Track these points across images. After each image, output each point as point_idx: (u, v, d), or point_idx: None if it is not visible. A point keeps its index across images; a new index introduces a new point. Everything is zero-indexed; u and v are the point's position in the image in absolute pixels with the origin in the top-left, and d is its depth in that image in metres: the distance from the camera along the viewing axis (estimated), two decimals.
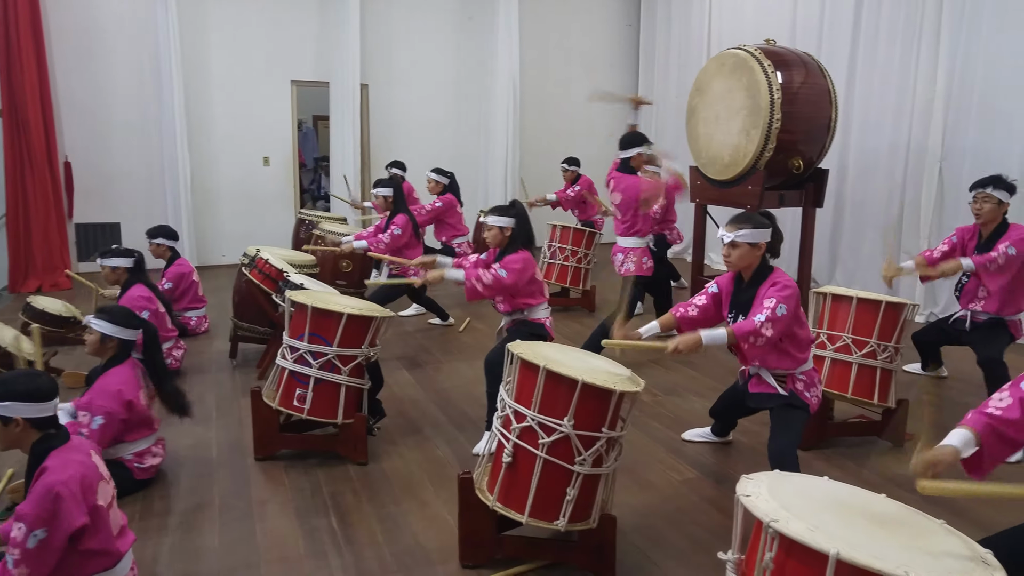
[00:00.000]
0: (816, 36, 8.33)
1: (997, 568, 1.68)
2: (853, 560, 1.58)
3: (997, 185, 4.50)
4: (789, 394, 3.43)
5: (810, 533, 1.66)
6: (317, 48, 10.01)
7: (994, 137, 6.57)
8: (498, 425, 3.00)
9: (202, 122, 9.50)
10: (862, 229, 8.02)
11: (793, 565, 1.72)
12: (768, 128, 5.62)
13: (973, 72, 6.75)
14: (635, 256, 5.64)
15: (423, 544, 3.29)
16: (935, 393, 5.23)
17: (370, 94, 10.38)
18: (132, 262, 5.12)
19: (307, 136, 13.20)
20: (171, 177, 9.19)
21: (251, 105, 9.80)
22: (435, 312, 6.93)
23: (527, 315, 4.25)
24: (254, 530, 3.40)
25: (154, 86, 9.10)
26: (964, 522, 2.53)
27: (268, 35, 9.77)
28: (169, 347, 5.34)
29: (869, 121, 7.83)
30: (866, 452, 4.30)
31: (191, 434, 4.44)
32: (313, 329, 3.92)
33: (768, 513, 1.74)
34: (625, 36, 11.87)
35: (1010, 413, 2.22)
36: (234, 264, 5.82)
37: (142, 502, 3.63)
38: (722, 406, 4.10)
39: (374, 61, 10.26)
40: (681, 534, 3.41)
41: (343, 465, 4.04)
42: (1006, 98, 6.48)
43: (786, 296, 3.25)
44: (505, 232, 4.18)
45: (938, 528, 1.86)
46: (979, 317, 4.66)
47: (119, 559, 2.59)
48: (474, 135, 10.98)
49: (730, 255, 3.41)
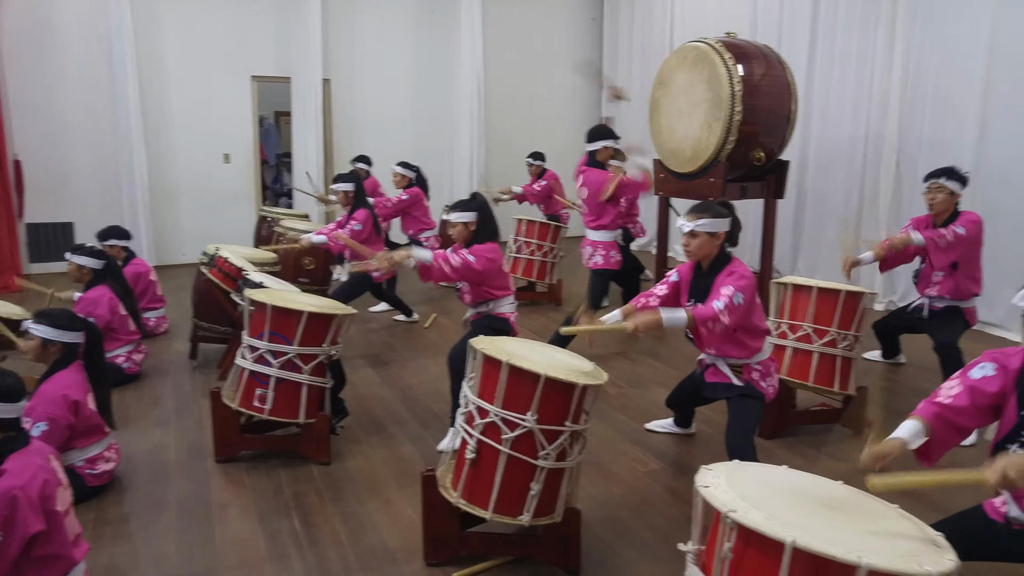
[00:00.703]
0: (776, 29, 8.40)
1: (947, 549, 1.73)
2: (808, 547, 1.61)
3: (950, 176, 4.58)
4: (745, 384, 3.46)
5: (767, 522, 1.68)
6: (278, 43, 9.86)
7: (948, 127, 6.68)
8: (461, 421, 2.98)
9: (159, 119, 9.32)
10: (823, 219, 8.12)
11: (751, 554, 1.74)
12: (729, 120, 5.65)
13: (927, 63, 6.85)
14: (603, 249, 5.64)
15: (387, 543, 3.25)
16: (892, 379, 5.30)
17: (332, 89, 10.27)
18: (101, 265, 5.06)
19: (269, 132, 13.01)
20: (127, 175, 9.01)
21: (210, 101, 9.62)
22: (400, 309, 6.87)
23: (492, 308, 4.22)
24: (213, 534, 3.34)
25: (108, 83, 8.90)
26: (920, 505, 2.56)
27: (227, 30, 9.59)
28: (130, 351, 5.25)
29: (829, 113, 7.93)
30: (827, 439, 4.36)
31: (148, 438, 4.35)
32: (273, 328, 3.86)
33: (726, 503, 1.76)
34: (589, 29, 11.87)
35: (959, 401, 2.27)
36: (194, 263, 5.73)
37: (95, 510, 3.53)
38: (678, 397, 4.11)
39: (336, 56, 10.14)
40: (646, 525, 3.42)
41: (306, 465, 3.98)
42: (959, 89, 6.58)
43: (743, 286, 3.27)
44: (470, 227, 4.14)
45: (892, 513, 1.91)
46: (936, 305, 4.73)
47: (73, 566, 2.52)
48: (438, 129, 10.92)
49: (689, 244, 3.42)
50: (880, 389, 4.60)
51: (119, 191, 9.08)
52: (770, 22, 8.53)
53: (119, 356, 5.16)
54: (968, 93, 6.48)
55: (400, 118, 10.65)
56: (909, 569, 1.60)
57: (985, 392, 2.27)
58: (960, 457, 4.06)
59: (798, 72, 6.90)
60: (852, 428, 4.42)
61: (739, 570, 1.76)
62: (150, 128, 9.17)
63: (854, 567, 1.58)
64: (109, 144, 9.03)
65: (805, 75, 7.91)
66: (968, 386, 2.28)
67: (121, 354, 5.18)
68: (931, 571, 1.60)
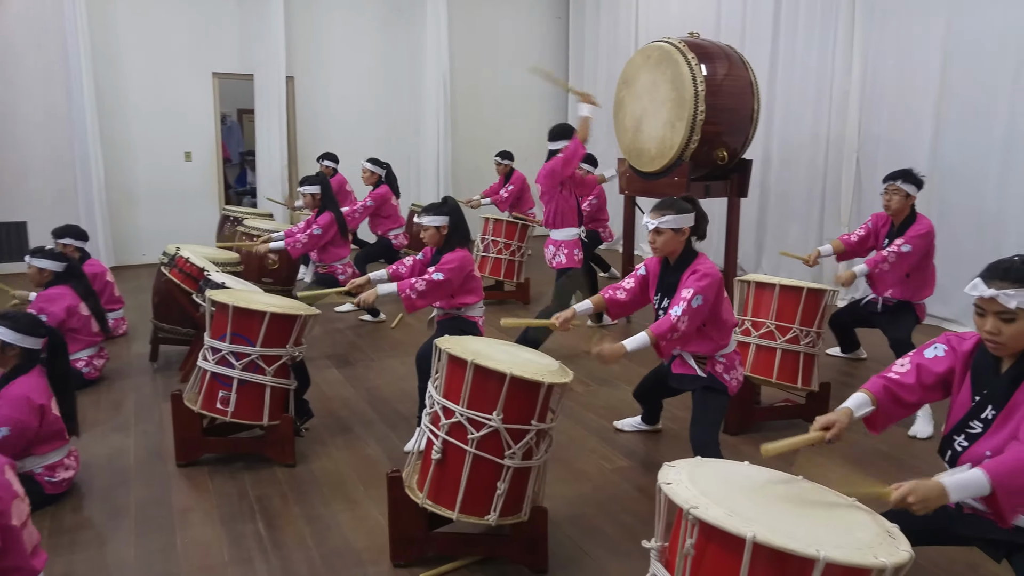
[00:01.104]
0: (739, 29, 8.49)
1: (902, 540, 1.78)
2: (768, 542, 1.64)
3: (906, 179, 4.65)
4: (708, 376, 3.48)
5: (728, 518, 1.70)
6: (240, 39, 9.75)
7: (904, 127, 6.80)
8: (427, 422, 2.96)
9: (117, 116, 9.16)
10: (787, 217, 8.22)
11: (713, 550, 1.76)
12: (693, 120, 5.69)
13: (885, 64, 6.97)
14: (566, 248, 5.64)
15: (353, 545, 3.23)
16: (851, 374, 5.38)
17: (296, 87, 10.18)
18: (62, 267, 4.99)
19: (231, 130, 12.84)
20: (83, 174, 8.84)
21: (170, 99, 9.48)
22: (367, 309, 6.83)
23: (462, 312, 4.20)
24: (175, 540, 3.28)
25: (63, 80, 8.72)
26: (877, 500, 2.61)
27: (187, 26, 9.46)
28: (91, 355, 5.17)
29: (791, 113, 8.03)
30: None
31: (107, 443, 4.27)
32: (235, 329, 3.81)
33: (688, 500, 1.77)
34: (554, 28, 11.90)
35: (906, 378, 2.36)
36: (155, 263, 5.64)
37: (52, 518, 3.44)
38: (645, 388, 4.13)
39: (300, 53, 10.05)
40: (613, 523, 3.43)
41: (270, 468, 3.94)
42: (915, 89, 6.69)
43: (704, 286, 3.29)
44: (442, 231, 4.11)
45: (850, 506, 1.94)
46: (890, 300, 4.80)
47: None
48: (405, 127, 10.87)
49: (655, 241, 3.43)
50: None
51: (74, 190, 8.92)
52: (733, 23, 8.61)
53: (80, 360, 5.08)
54: (923, 94, 6.61)
55: (365, 116, 10.59)
56: (865, 561, 1.64)
57: (931, 371, 2.35)
58: (919, 449, 4.16)
59: (760, 72, 6.98)
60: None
61: (701, 566, 1.78)
62: (107, 126, 9.01)
63: (813, 560, 1.61)
64: (64, 142, 8.86)
65: (767, 75, 8.00)
66: (916, 364, 2.38)
67: (82, 358, 5.10)
68: (886, 562, 1.64)
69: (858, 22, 7.12)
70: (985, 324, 2.18)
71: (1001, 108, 6.05)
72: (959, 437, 2.30)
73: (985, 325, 2.18)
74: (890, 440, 4.29)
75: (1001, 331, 2.14)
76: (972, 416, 2.27)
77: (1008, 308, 2.10)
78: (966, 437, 2.28)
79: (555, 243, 5.68)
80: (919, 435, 4.33)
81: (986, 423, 2.24)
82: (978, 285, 2.16)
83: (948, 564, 3.06)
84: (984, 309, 2.17)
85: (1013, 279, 2.10)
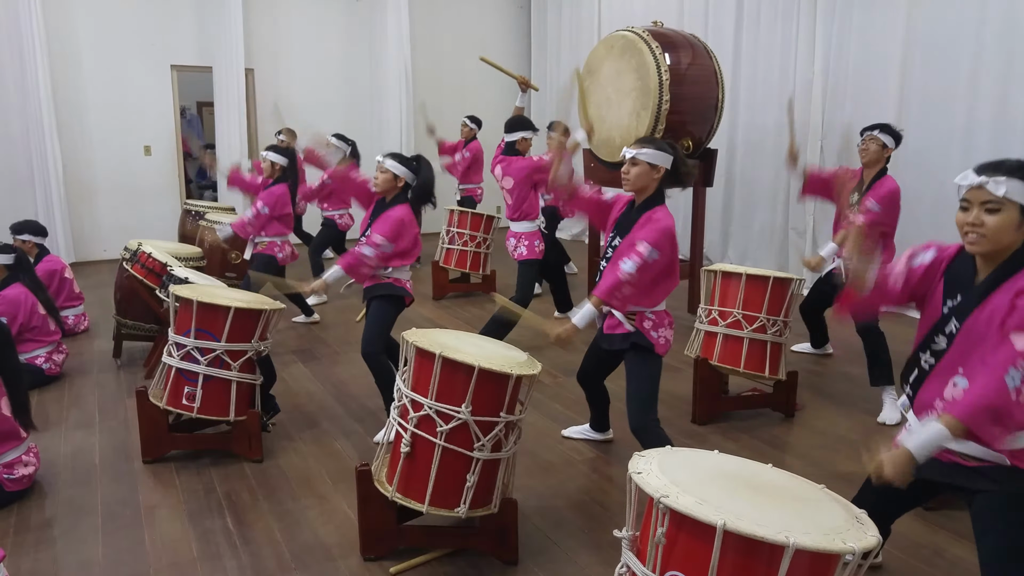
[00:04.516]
0: (702, 18, 8.54)
1: (870, 526, 1.81)
2: (738, 530, 1.65)
3: (883, 130, 4.68)
4: (635, 332, 3.36)
5: (698, 506, 1.71)
6: (198, 31, 9.61)
7: (867, 114, 6.83)
8: (396, 415, 2.95)
9: (74, 110, 9.00)
10: (752, 206, 8.29)
11: (684, 538, 1.77)
12: (658, 109, 5.71)
13: (847, 51, 7.05)
14: (527, 239, 5.61)
15: (323, 539, 3.21)
16: (820, 364, 5.44)
17: (255, 78, 10.05)
18: (12, 259, 4.88)
19: (191, 123, 12.64)
20: (40, 169, 8.68)
21: (128, 92, 9.32)
22: (301, 307, 6.62)
23: (390, 274, 4.08)
24: (142, 537, 3.24)
25: (17, 73, 8.52)
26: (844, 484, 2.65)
27: (144, 18, 9.30)
28: (50, 351, 5.08)
29: (755, 101, 8.09)
30: (758, 424, 4.45)
31: (70, 440, 4.21)
32: (199, 324, 3.76)
33: (658, 489, 1.78)
34: (516, 18, 11.88)
35: (896, 265, 2.37)
36: (116, 259, 5.54)
37: (16, 515, 3.40)
38: (585, 366, 3.90)
39: (259, 45, 9.93)
40: (582, 514, 3.45)
41: (238, 463, 3.90)
42: (877, 75, 6.79)
43: (657, 238, 3.20)
44: (399, 182, 4.08)
45: (819, 493, 1.97)
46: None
47: None
48: (366, 119, 10.77)
49: (629, 172, 3.36)
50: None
51: (32, 185, 8.75)
52: (696, 12, 8.66)
53: (39, 357, 5.00)
54: (885, 81, 6.70)
55: (326, 108, 10.45)
56: (834, 547, 1.66)
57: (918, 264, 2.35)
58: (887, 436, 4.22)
59: (724, 61, 7.03)
60: (784, 412, 4.54)
61: (672, 554, 1.79)
62: (64, 120, 8.85)
63: (782, 547, 1.63)
64: (18, 137, 8.68)
65: (731, 64, 8.05)
66: (910, 254, 2.38)
67: (41, 355, 5.02)
68: (854, 547, 1.67)
69: (820, 11, 7.19)
70: (968, 216, 2.15)
71: (961, 95, 6.15)
72: (925, 354, 2.28)
73: (968, 217, 2.15)
74: (859, 427, 4.36)
75: (984, 222, 2.12)
76: (938, 330, 2.25)
77: (995, 196, 2.08)
78: (932, 354, 2.26)
79: (515, 235, 5.64)
80: (888, 421, 4.38)
81: (950, 338, 2.22)
82: (968, 175, 2.15)
83: (914, 549, 3.12)
84: (970, 202, 2.15)
85: (1005, 170, 2.10)
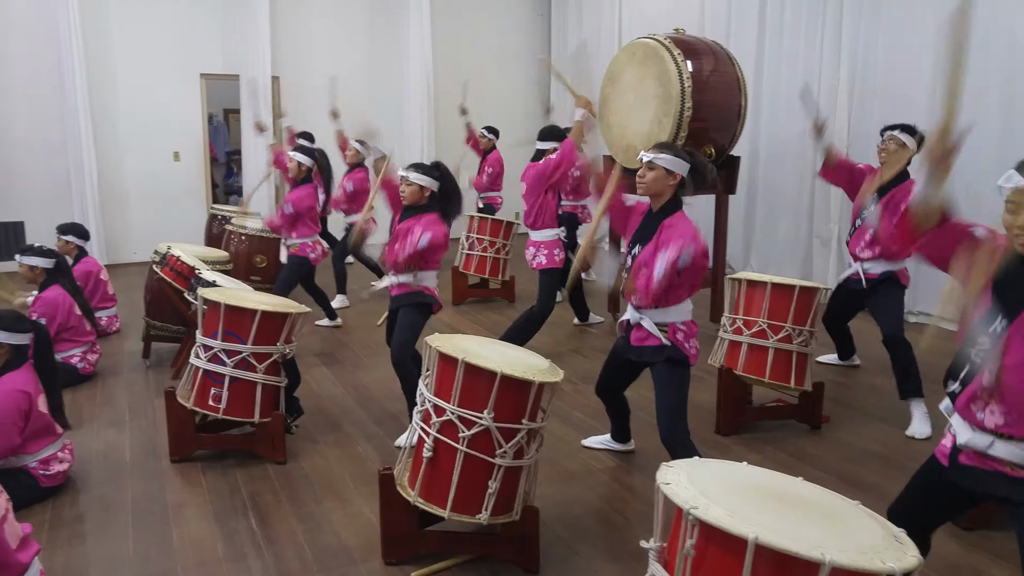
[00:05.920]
0: (724, 25, 8.50)
1: (910, 546, 1.72)
2: (771, 543, 1.59)
3: (904, 129, 4.57)
4: (671, 345, 3.32)
5: (729, 519, 1.66)
6: (226, 41, 9.80)
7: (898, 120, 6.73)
8: (418, 420, 2.97)
9: (108, 117, 9.24)
10: (775, 214, 8.22)
11: (714, 551, 1.72)
12: (679, 116, 5.69)
13: (875, 58, 6.96)
14: (546, 249, 5.55)
15: (345, 542, 3.24)
16: (847, 376, 5.38)
17: (281, 87, 10.16)
18: (52, 263, 5.01)
19: (218, 130, 12.80)
20: (77, 174, 8.98)
21: (159, 100, 9.55)
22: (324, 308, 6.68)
23: (418, 281, 4.12)
24: (170, 535, 3.30)
25: (56, 81, 8.82)
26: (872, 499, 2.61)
27: (175, 28, 9.54)
28: (84, 351, 5.20)
29: (778, 108, 8.03)
30: (784, 436, 4.39)
31: (102, 438, 4.29)
32: (227, 327, 3.82)
33: (688, 500, 1.73)
34: (537, 26, 11.92)
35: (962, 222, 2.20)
36: (146, 261, 5.63)
37: (51, 510, 3.49)
38: (605, 376, 3.85)
39: (285, 53, 10.08)
40: (604, 523, 3.45)
41: (262, 465, 3.95)
42: (906, 82, 6.66)
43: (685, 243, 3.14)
44: (425, 192, 4.09)
45: (854, 509, 1.89)
46: (872, 272, 4.65)
47: (22, 571, 2.45)
48: (388, 126, 10.75)
49: (645, 176, 3.32)
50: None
51: (69, 190, 9.03)
52: (718, 18, 8.63)
53: (74, 356, 5.13)
54: (916, 85, 6.51)
55: (348, 115, 10.48)
56: (872, 566, 1.58)
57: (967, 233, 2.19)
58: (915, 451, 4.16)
59: (747, 67, 6.98)
60: (810, 423, 4.46)
61: (702, 567, 1.75)
62: (99, 126, 9.11)
63: (818, 564, 1.56)
64: (58, 143, 8.96)
65: (754, 70, 8.01)
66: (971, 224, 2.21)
67: (76, 354, 5.14)
68: (894, 567, 1.58)
69: (846, 16, 7.12)
70: (1018, 219, 2.04)
71: (994, 97, 5.98)
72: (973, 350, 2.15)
73: (1018, 220, 2.04)
74: (886, 440, 4.30)
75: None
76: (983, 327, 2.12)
77: None
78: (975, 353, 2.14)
79: (535, 244, 5.59)
80: (916, 435, 4.29)
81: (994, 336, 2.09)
82: (1012, 176, 2.06)
83: (951, 570, 3.05)
84: (1016, 204, 2.05)
85: None
